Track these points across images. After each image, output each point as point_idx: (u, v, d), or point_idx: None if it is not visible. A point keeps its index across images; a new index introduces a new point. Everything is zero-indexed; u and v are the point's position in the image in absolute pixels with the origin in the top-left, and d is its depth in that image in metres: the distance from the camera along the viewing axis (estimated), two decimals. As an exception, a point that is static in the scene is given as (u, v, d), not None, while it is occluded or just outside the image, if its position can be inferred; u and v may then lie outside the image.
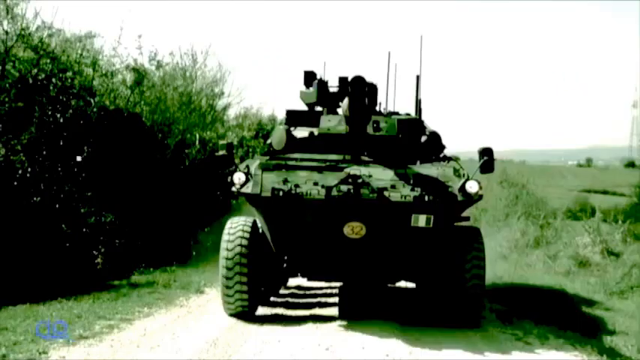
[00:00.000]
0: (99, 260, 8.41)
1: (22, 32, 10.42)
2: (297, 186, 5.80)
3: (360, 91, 5.92)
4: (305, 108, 7.37)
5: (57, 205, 8.76)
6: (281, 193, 5.72)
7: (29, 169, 8.64)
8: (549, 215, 15.47)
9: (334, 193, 5.77)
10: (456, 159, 6.83)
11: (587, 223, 10.86)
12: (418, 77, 7.36)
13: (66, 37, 12.14)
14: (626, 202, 21.78)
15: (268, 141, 6.98)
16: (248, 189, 5.83)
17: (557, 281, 9.09)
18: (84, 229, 8.76)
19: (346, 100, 6.26)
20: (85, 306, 6.04)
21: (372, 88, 6.99)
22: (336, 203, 5.75)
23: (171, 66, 15.66)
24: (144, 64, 13.83)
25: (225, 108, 18.48)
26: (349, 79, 5.94)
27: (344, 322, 6.13)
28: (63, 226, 8.52)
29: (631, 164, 59.96)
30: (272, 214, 5.97)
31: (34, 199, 8.35)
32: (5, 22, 10.61)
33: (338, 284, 7.64)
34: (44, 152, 9.13)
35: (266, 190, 5.77)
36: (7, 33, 10.01)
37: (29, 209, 8.17)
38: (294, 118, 7.01)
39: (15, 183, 8.39)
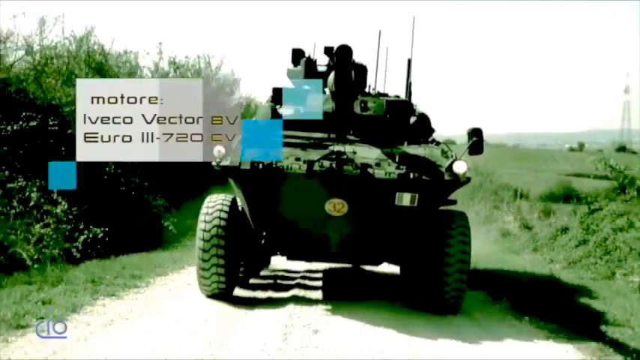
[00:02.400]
0: (172, 229, 12.96)
1: (88, 59, 14.98)
2: (278, 160, 5.89)
3: (346, 61, 5.83)
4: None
5: (133, 193, 13.29)
6: (261, 166, 5.83)
7: (112, 167, 13.11)
8: (507, 199, 20.04)
9: (316, 168, 5.86)
10: (447, 143, 6.79)
11: (510, 204, 15.39)
12: (409, 60, 7.44)
13: (109, 53, 16.73)
14: (607, 185, 25.97)
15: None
16: (227, 162, 5.95)
17: (484, 247, 13.42)
18: (153, 210, 13.31)
19: (332, 75, 6.20)
20: (177, 253, 10.19)
21: (362, 69, 7.10)
22: (318, 178, 5.83)
23: (186, 67, 20.21)
24: (164, 67, 18.42)
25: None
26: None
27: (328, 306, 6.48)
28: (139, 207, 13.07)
29: (622, 148, 64.00)
30: (251, 187, 6.07)
31: (121, 188, 12.85)
32: (81, 55, 15.13)
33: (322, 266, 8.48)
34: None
35: (245, 163, 5.89)
36: (87, 66, 14.46)
37: (118, 196, 12.68)
38: (280, 95, 7.01)
39: (105, 177, 12.90)
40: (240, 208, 6.68)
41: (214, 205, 6.48)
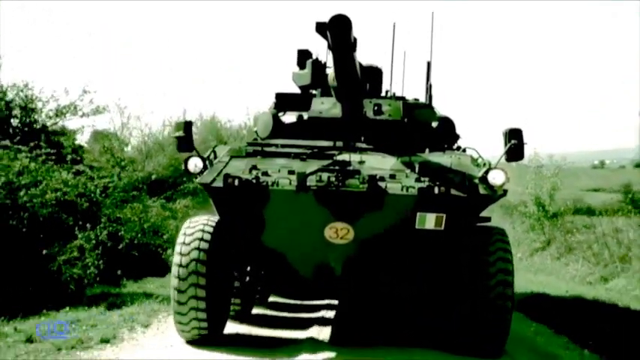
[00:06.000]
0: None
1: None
2: (265, 174, 5.19)
3: (344, 37, 4.65)
4: (298, 91, 7.01)
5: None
6: (236, 182, 5.04)
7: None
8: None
9: (311, 183, 5.04)
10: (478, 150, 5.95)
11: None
12: (429, 63, 7.02)
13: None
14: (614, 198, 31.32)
15: (254, 128, 6.43)
16: (202, 178, 5.28)
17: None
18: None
19: (332, 70, 5.34)
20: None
21: (376, 72, 6.69)
22: (314, 196, 5.02)
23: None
24: (248, 123, 23.46)
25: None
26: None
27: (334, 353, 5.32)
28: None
29: (639, 165, 69.81)
30: (226, 209, 5.32)
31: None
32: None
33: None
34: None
35: (219, 179, 5.16)
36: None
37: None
38: (284, 101, 6.51)
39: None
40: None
41: (193, 231, 5.52)
